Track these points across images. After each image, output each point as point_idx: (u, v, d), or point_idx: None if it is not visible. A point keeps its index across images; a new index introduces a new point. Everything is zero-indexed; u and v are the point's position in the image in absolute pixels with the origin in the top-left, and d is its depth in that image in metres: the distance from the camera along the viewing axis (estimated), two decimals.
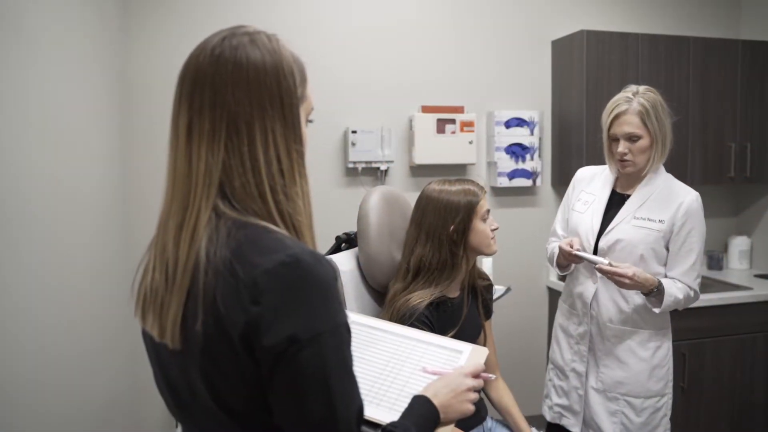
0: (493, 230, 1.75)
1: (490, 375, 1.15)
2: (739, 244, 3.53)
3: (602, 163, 3.14)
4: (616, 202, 2.05)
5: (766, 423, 3.07)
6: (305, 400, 0.78)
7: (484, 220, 1.73)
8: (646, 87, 1.97)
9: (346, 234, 2.01)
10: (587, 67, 3.03)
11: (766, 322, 3.03)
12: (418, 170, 3.14)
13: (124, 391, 2.56)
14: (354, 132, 2.98)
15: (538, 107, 3.31)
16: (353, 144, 2.98)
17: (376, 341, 1.22)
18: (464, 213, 1.69)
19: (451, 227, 1.69)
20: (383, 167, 3.05)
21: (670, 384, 2.06)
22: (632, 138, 1.92)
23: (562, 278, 2.02)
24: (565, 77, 3.21)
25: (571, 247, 1.95)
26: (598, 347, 2.05)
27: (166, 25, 2.83)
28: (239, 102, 0.81)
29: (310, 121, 0.93)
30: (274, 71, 0.84)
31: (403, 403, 1.05)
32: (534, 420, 3.36)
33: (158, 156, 2.82)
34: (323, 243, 2.00)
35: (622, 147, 1.94)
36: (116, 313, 2.40)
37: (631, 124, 1.92)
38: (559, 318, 2.21)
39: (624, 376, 2.00)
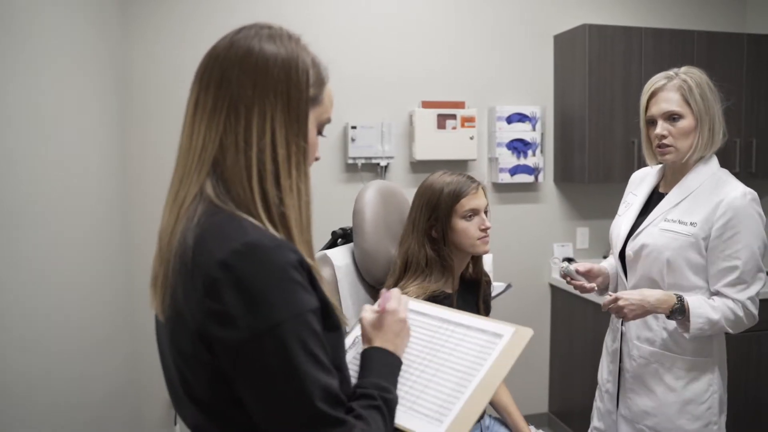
0: (482, 230, 1.66)
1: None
2: None
3: (604, 159, 3.14)
4: (654, 202, 1.76)
5: None
6: (271, 391, 0.77)
7: (467, 218, 1.64)
8: (690, 66, 1.70)
9: (342, 229, 1.99)
10: (590, 62, 3.00)
11: None
12: (419, 166, 3.11)
13: (124, 387, 2.56)
14: (354, 127, 2.96)
15: (540, 102, 3.28)
16: (353, 139, 2.96)
17: (413, 328, 1.14)
18: (442, 210, 1.63)
19: (428, 223, 1.64)
20: (383, 163, 3.02)
21: (715, 429, 1.69)
22: (672, 117, 1.64)
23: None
24: (568, 72, 3.18)
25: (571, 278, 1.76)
26: (626, 368, 1.78)
27: (167, 23, 2.81)
28: (243, 85, 0.83)
29: (322, 135, 0.94)
30: (284, 64, 0.86)
31: (426, 402, 1.00)
32: (535, 419, 3.35)
33: (158, 153, 2.85)
34: (323, 238, 2.00)
35: (660, 128, 1.65)
36: (116, 309, 2.39)
37: (670, 101, 1.64)
38: (608, 331, 1.94)
39: (651, 406, 1.71)
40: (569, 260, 3.28)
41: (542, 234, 3.36)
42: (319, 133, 0.94)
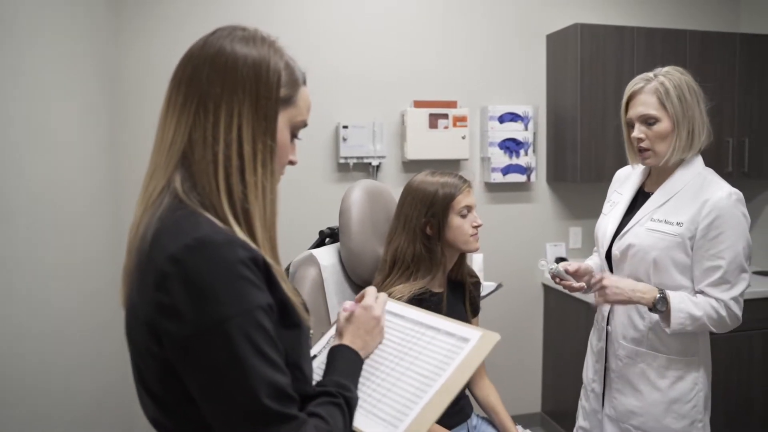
0: (474, 227, 1.69)
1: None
2: None
3: (597, 158, 3.13)
4: (640, 202, 1.77)
5: (763, 420, 3.03)
6: (216, 386, 0.78)
7: (462, 215, 1.67)
8: (673, 66, 1.69)
9: (330, 229, 1.98)
10: (581, 62, 3.00)
11: (762, 319, 2.99)
12: (411, 165, 3.10)
13: (114, 386, 2.55)
14: (345, 127, 2.95)
15: (533, 102, 3.27)
16: (344, 139, 2.95)
17: (387, 330, 1.16)
18: (439, 206, 1.65)
19: (424, 220, 1.66)
20: (375, 162, 3.02)
21: (700, 426, 1.70)
22: (648, 120, 1.64)
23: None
24: (560, 72, 3.18)
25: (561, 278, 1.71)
26: (612, 367, 1.79)
27: (158, 22, 2.81)
28: (212, 82, 0.85)
29: (297, 138, 0.96)
30: (254, 63, 0.87)
31: (386, 406, 1.01)
32: (527, 419, 3.35)
33: (149, 155, 2.82)
34: (313, 238, 1.99)
35: (637, 131, 1.66)
36: (105, 308, 2.38)
37: (646, 104, 1.64)
38: (592, 331, 1.96)
39: (636, 406, 1.72)
40: (561, 260, 3.28)
41: (535, 234, 3.35)
42: (294, 136, 0.95)
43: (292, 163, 0.96)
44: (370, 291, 1.16)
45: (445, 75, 3.15)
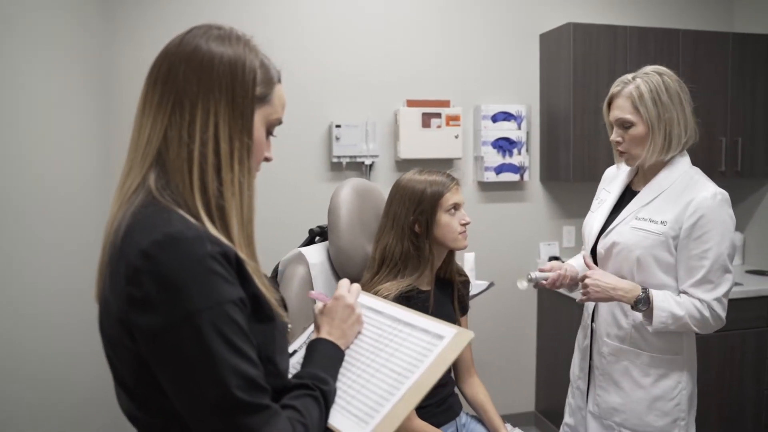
0: (463, 224, 1.70)
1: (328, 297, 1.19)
2: None
3: (590, 158, 3.13)
4: (627, 200, 1.78)
5: (756, 419, 3.03)
6: (187, 379, 0.79)
7: (450, 213, 1.68)
8: (655, 67, 1.69)
9: (320, 227, 1.98)
10: (574, 61, 3.00)
11: (755, 318, 2.99)
12: (404, 165, 3.11)
13: (104, 384, 2.54)
14: (338, 126, 2.95)
15: (526, 101, 3.28)
16: (337, 138, 2.95)
17: (366, 324, 1.18)
18: (427, 204, 1.66)
19: (412, 218, 1.66)
20: (368, 162, 3.02)
21: (683, 424, 1.71)
22: (624, 124, 1.66)
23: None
24: (553, 71, 3.18)
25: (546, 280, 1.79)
26: (596, 365, 1.80)
27: (151, 24, 2.81)
28: (188, 81, 0.86)
29: (273, 135, 0.97)
30: (230, 62, 0.88)
31: (359, 402, 1.02)
32: (521, 417, 3.35)
33: None
34: (304, 236, 1.99)
35: (614, 134, 1.70)
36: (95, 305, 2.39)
37: (622, 108, 1.66)
38: (580, 328, 1.98)
39: (619, 403, 1.73)
40: (554, 258, 3.28)
41: (528, 233, 3.35)
42: (270, 133, 0.96)
43: (267, 159, 0.98)
44: (343, 282, 1.19)
45: (438, 74, 3.15)
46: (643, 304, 1.60)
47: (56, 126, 2.14)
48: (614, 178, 1.89)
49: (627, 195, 1.80)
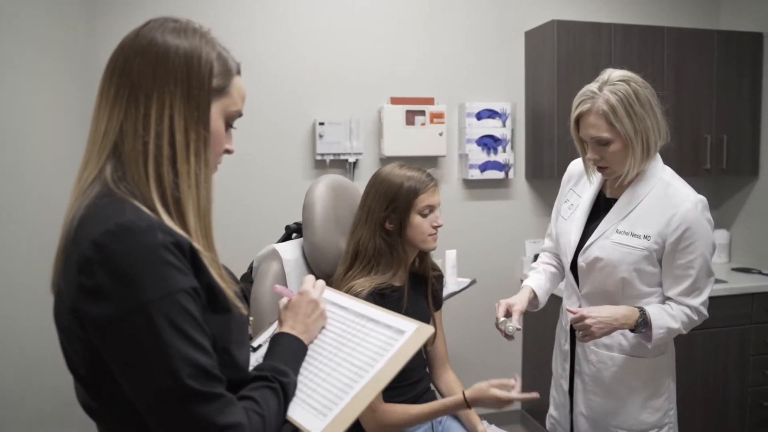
0: (435, 227, 1.67)
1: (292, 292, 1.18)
2: (717, 237, 3.47)
3: (575, 155, 3.12)
4: (603, 208, 1.72)
5: (740, 417, 3.03)
6: (138, 368, 0.79)
7: (423, 215, 1.65)
8: (620, 74, 1.59)
9: (296, 223, 1.97)
10: (558, 58, 2.99)
11: (740, 316, 2.99)
12: (388, 162, 3.02)
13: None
14: (321, 124, 2.94)
15: (511, 99, 3.27)
16: (321, 136, 2.94)
17: (330, 319, 1.19)
18: (401, 201, 1.64)
19: (383, 215, 1.65)
20: (351, 159, 3.01)
21: (671, 413, 1.75)
22: (600, 142, 1.58)
23: None
24: (538, 68, 3.17)
25: (506, 314, 1.71)
26: (584, 370, 1.78)
27: (132, 18, 2.79)
28: (143, 73, 0.87)
29: (232, 127, 0.97)
30: (185, 54, 0.88)
31: (318, 395, 1.03)
32: (507, 416, 3.34)
33: None
34: (282, 233, 1.98)
35: (591, 153, 1.62)
36: None
37: (596, 127, 1.56)
38: (558, 327, 1.98)
39: (614, 407, 1.72)
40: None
41: (514, 230, 3.35)
42: (229, 125, 0.96)
43: (228, 152, 0.98)
44: (308, 278, 1.19)
45: (422, 72, 3.15)
46: (642, 326, 1.59)
47: (35, 123, 2.12)
48: (580, 176, 1.81)
49: (602, 202, 1.75)
